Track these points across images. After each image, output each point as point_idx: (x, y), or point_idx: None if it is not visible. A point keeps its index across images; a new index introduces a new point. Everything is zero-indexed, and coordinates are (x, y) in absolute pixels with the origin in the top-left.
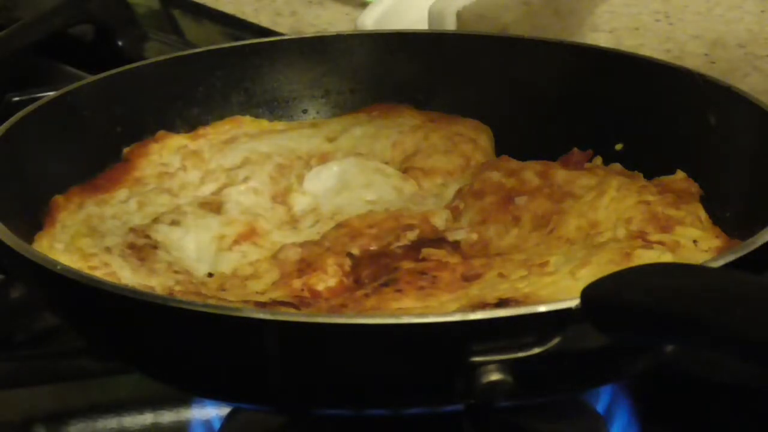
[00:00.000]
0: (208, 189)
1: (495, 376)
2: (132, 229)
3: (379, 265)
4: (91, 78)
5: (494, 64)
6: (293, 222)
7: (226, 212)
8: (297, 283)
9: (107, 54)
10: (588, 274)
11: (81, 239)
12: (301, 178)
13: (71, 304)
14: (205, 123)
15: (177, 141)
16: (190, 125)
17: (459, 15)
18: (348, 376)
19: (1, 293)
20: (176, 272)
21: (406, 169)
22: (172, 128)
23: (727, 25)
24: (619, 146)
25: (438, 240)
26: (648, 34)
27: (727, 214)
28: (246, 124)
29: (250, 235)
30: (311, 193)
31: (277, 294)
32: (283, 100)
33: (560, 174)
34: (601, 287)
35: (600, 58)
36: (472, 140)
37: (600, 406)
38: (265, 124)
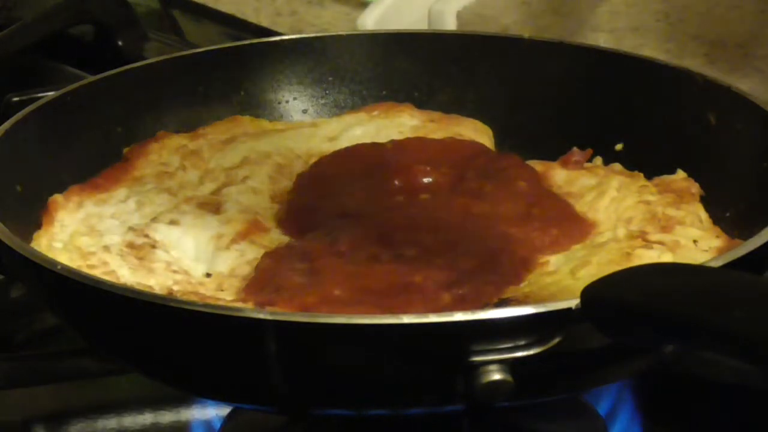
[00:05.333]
0: (207, 188)
1: (495, 376)
2: (131, 228)
3: None
4: (91, 78)
5: (494, 64)
6: None
7: (224, 212)
8: None
9: (107, 54)
10: (588, 274)
11: (80, 238)
12: None
13: (71, 304)
14: (205, 123)
15: (176, 141)
16: (190, 125)
17: (459, 15)
18: (348, 376)
19: (1, 293)
20: (174, 272)
21: None
22: (172, 128)
23: (727, 25)
24: (619, 146)
25: None
26: (648, 34)
27: (727, 214)
28: (246, 123)
29: (248, 233)
30: None
31: None
32: (284, 100)
33: (560, 174)
34: (601, 287)
35: (600, 58)
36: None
37: (600, 407)
38: (265, 123)
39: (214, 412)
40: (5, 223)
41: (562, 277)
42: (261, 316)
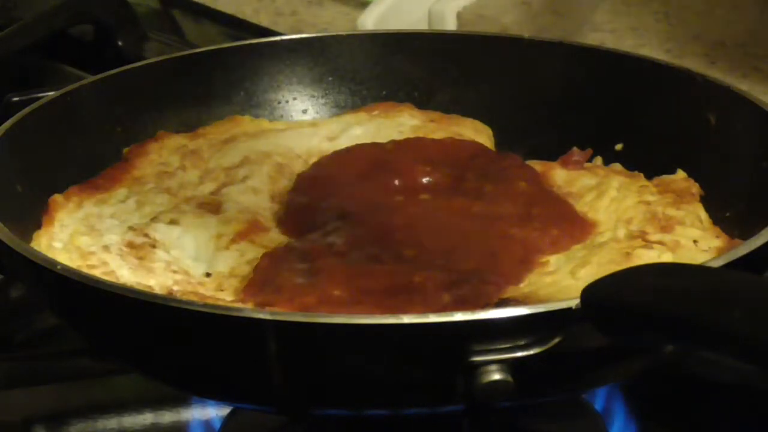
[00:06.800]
0: (207, 188)
1: (495, 377)
2: (131, 228)
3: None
4: (91, 78)
5: (494, 64)
6: None
7: (224, 211)
8: None
9: (107, 54)
10: (588, 274)
11: (79, 238)
12: None
13: (71, 304)
14: (205, 123)
15: (176, 140)
16: (190, 125)
17: (459, 15)
18: (348, 376)
19: (1, 293)
20: (174, 272)
21: None
22: (172, 128)
23: (727, 25)
24: (619, 146)
25: None
26: (648, 34)
27: (727, 214)
28: (246, 123)
29: (247, 233)
30: None
31: None
32: (283, 100)
33: (560, 174)
34: (601, 287)
35: (600, 58)
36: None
37: (599, 406)
38: (264, 123)
39: (214, 412)
40: (5, 223)
41: (562, 277)
42: (261, 316)
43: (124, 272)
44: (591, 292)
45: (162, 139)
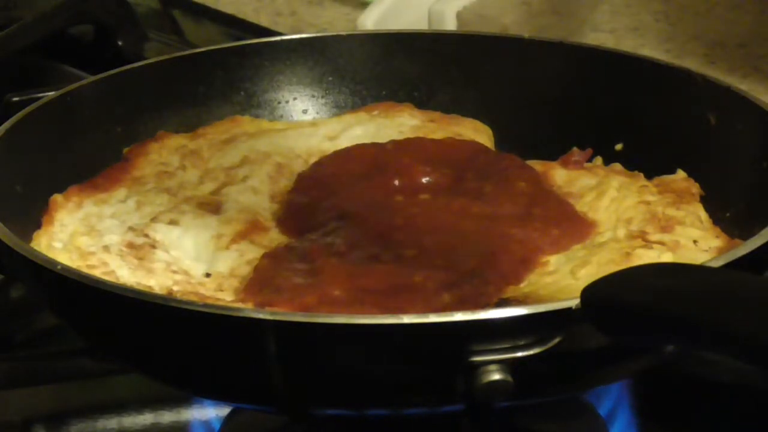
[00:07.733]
0: (207, 188)
1: (495, 377)
2: (130, 228)
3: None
4: (91, 78)
5: (494, 64)
6: None
7: (224, 211)
8: None
9: (107, 54)
10: (588, 274)
11: (79, 238)
12: None
13: (71, 304)
14: (205, 123)
15: (176, 140)
16: (190, 125)
17: (459, 15)
18: (348, 376)
19: (1, 293)
20: (174, 272)
21: None
22: (172, 128)
23: (727, 25)
24: (619, 146)
25: None
26: (648, 34)
27: (727, 214)
28: (245, 123)
29: (247, 233)
30: None
31: None
32: (283, 100)
33: (560, 174)
34: (601, 287)
35: (600, 58)
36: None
37: (600, 407)
38: (264, 123)
39: (214, 412)
40: (5, 223)
41: (562, 277)
42: (261, 316)
43: (123, 272)
44: (591, 292)
45: (162, 139)
